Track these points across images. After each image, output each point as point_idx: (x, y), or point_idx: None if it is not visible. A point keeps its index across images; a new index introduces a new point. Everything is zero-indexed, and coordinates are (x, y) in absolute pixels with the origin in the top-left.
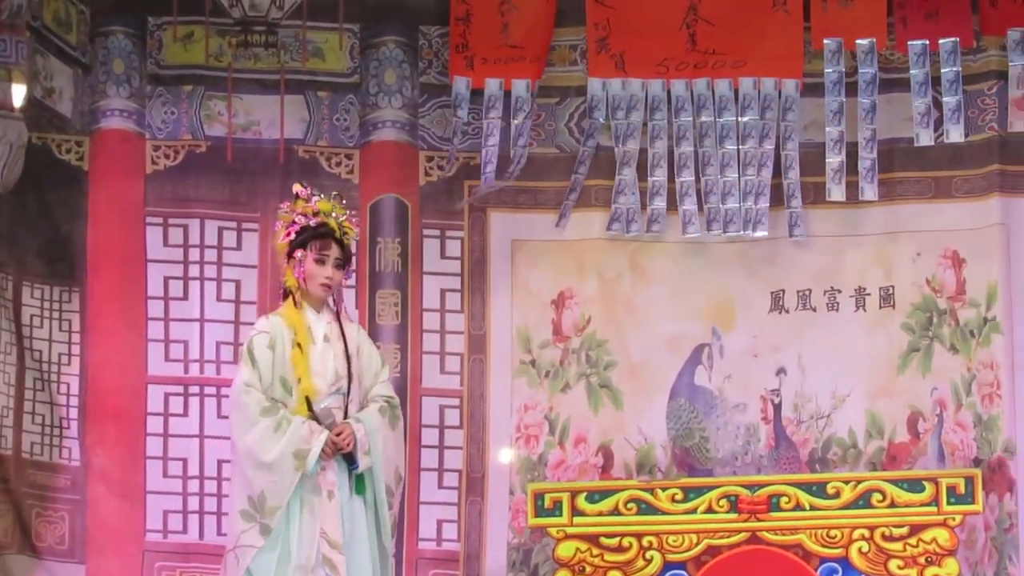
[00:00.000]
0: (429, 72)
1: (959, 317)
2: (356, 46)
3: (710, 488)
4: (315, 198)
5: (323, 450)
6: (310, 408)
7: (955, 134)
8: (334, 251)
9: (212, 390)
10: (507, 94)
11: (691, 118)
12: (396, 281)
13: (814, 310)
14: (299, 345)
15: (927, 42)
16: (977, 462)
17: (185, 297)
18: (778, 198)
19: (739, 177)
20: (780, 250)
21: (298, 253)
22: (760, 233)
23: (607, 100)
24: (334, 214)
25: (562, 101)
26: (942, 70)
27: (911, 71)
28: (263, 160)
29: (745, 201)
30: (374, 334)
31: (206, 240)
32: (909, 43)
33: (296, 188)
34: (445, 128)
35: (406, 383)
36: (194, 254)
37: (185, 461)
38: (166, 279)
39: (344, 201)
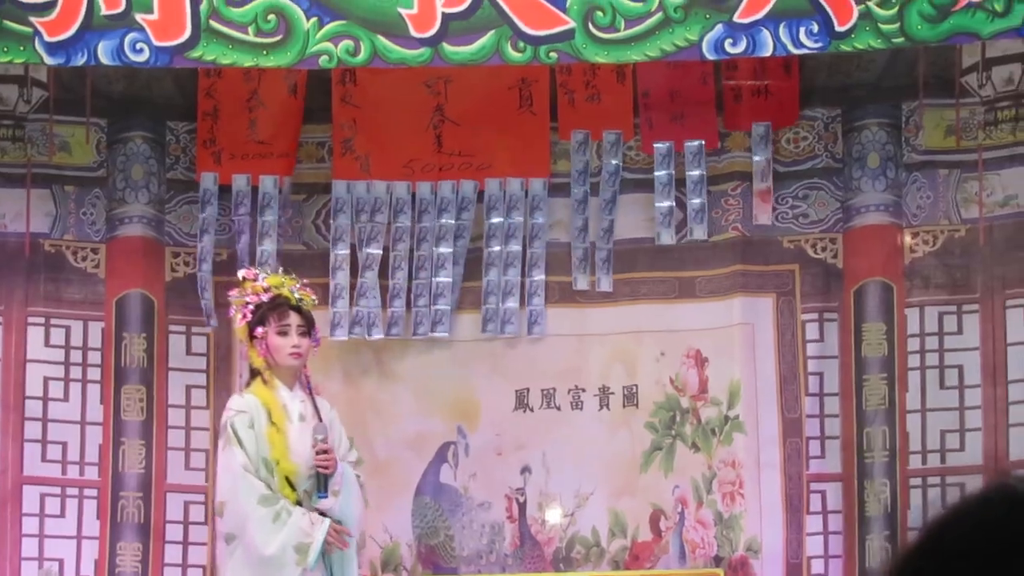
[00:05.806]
0: (177, 168)
1: (701, 415)
2: (103, 140)
3: None
4: (262, 276)
5: (326, 541)
6: (293, 489)
7: (699, 232)
8: (294, 319)
9: None
10: (255, 190)
11: (434, 221)
12: (141, 377)
13: (559, 409)
14: (274, 424)
15: (672, 144)
16: (718, 560)
17: None
18: (522, 297)
19: (483, 278)
20: (524, 348)
21: (259, 331)
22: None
23: (352, 202)
24: (286, 285)
25: (309, 198)
26: (687, 172)
27: (655, 172)
28: (8, 254)
29: (487, 302)
30: (119, 429)
31: None
32: (655, 145)
33: (241, 272)
34: (192, 224)
35: (151, 479)
36: None
37: None
38: None
39: (292, 274)
